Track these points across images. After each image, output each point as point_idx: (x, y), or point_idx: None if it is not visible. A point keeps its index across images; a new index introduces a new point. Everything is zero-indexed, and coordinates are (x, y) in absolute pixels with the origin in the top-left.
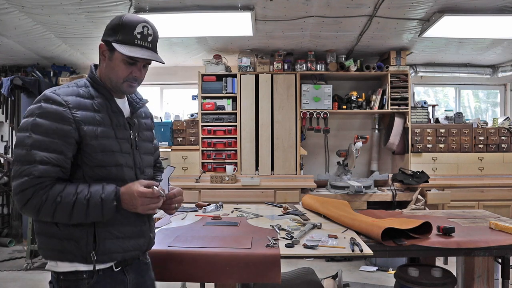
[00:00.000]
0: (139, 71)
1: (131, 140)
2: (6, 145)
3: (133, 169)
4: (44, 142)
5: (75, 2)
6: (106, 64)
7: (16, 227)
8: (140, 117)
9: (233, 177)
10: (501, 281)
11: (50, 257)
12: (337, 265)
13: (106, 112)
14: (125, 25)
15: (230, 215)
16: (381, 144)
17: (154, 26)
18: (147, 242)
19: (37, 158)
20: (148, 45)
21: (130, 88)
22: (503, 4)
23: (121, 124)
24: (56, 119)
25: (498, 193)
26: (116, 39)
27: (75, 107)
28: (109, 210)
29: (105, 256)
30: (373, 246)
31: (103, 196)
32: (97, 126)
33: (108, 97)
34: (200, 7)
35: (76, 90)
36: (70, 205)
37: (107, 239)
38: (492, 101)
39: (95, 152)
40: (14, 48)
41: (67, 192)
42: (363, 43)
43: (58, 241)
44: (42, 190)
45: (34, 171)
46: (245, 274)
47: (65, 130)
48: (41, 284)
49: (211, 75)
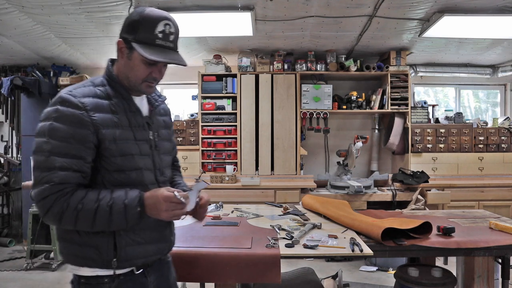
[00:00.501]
0: (159, 72)
1: (150, 141)
2: (6, 145)
3: (152, 172)
4: (63, 147)
5: (75, 2)
6: (124, 62)
7: (16, 227)
8: (159, 114)
9: (233, 177)
10: (501, 281)
11: (72, 262)
12: (337, 265)
13: (124, 112)
14: (145, 22)
15: (230, 215)
16: (381, 144)
17: (176, 22)
18: (168, 246)
19: (56, 165)
20: (170, 44)
21: (149, 89)
22: (503, 4)
23: (140, 125)
24: (73, 123)
25: (498, 193)
26: (136, 38)
27: (92, 109)
28: (133, 216)
29: (126, 263)
30: (373, 246)
31: (127, 202)
32: (116, 129)
33: (125, 96)
34: (200, 7)
35: (93, 90)
36: (92, 212)
37: (128, 245)
38: (492, 101)
39: (114, 156)
40: (14, 48)
41: (88, 199)
42: (363, 43)
43: (79, 248)
44: (63, 198)
45: (54, 177)
46: (245, 274)
47: (83, 135)
48: (41, 284)
49: (211, 75)
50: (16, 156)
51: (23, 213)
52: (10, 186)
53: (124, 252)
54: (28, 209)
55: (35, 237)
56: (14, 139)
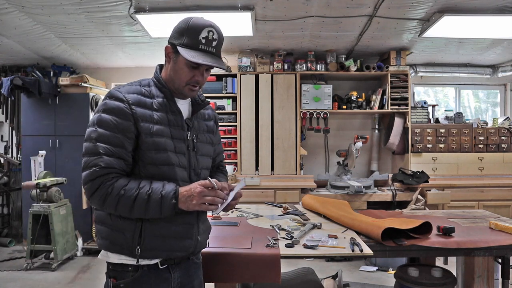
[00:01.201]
0: (201, 76)
1: (188, 141)
2: (6, 145)
3: (186, 170)
4: (108, 136)
5: (75, 2)
6: (170, 66)
7: (16, 227)
8: (202, 118)
9: (233, 177)
10: (501, 281)
11: (103, 246)
12: (337, 265)
13: (165, 111)
14: (191, 28)
15: (230, 215)
16: (381, 144)
17: (220, 30)
18: (194, 244)
19: (101, 150)
20: (212, 50)
21: (192, 92)
22: (503, 4)
23: (179, 125)
24: (117, 114)
25: (498, 193)
26: (181, 42)
27: (134, 104)
28: (167, 207)
29: (149, 253)
30: (373, 246)
31: (163, 193)
32: (154, 124)
33: (169, 97)
34: (200, 7)
35: (139, 88)
36: (132, 199)
37: (153, 236)
38: (492, 101)
39: (149, 150)
40: (14, 48)
41: (130, 186)
42: (363, 43)
43: (109, 231)
44: (109, 182)
45: (101, 162)
46: (245, 274)
47: (125, 125)
48: (41, 284)
49: (211, 75)
50: (16, 156)
51: (23, 213)
52: (10, 186)
53: (148, 241)
54: (28, 209)
55: (35, 237)
56: (14, 139)
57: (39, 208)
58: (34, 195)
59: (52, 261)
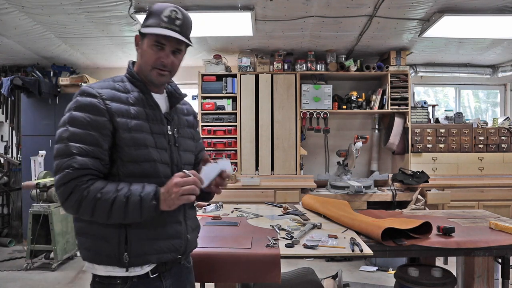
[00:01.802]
0: (167, 57)
1: (168, 135)
2: (6, 145)
3: (169, 166)
4: (81, 134)
5: (75, 2)
6: (139, 54)
7: (16, 227)
8: (182, 113)
9: (233, 177)
10: (501, 281)
11: (88, 258)
12: (337, 265)
13: (142, 106)
14: (154, 10)
15: (230, 215)
16: (381, 144)
17: (186, 13)
18: (184, 244)
19: (74, 151)
20: (176, 28)
21: (160, 77)
22: (503, 4)
23: (158, 119)
24: (90, 110)
25: (498, 193)
26: (145, 25)
27: (108, 99)
28: (147, 209)
29: (138, 258)
30: (373, 246)
31: (142, 195)
32: (131, 119)
33: (144, 91)
34: (200, 7)
35: (112, 84)
36: (109, 202)
37: (140, 240)
38: (492, 101)
39: (128, 146)
40: (14, 48)
41: (107, 189)
42: (363, 43)
43: (93, 241)
44: (84, 185)
45: (74, 163)
46: (245, 274)
47: (99, 122)
48: (41, 284)
49: (211, 75)
50: (16, 156)
51: (23, 213)
52: (10, 186)
53: (135, 246)
54: (28, 209)
55: (35, 237)
56: (14, 139)
57: (39, 208)
58: (34, 195)
59: (52, 261)
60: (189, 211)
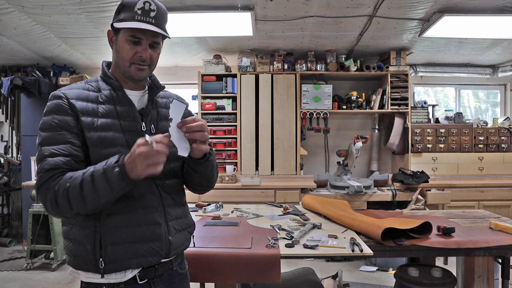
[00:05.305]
0: (145, 51)
1: (142, 132)
2: (6, 145)
3: None
4: (50, 136)
5: (75, 2)
6: (114, 50)
7: (16, 227)
8: (163, 107)
9: (233, 177)
10: (501, 281)
11: (70, 263)
12: (337, 265)
13: (113, 103)
14: (126, 3)
15: (230, 215)
16: (381, 144)
17: (160, 3)
18: (166, 247)
19: (46, 153)
20: (151, 20)
21: (140, 72)
22: (503, 4)
23: (130, 116)
24: (56, 112)
25: (498, 193)
26: (118, 19)
27: (73, 98)
28: (114, 179)
29: (115, 264)
30: (373, 246)
31: (105, 167)
32: (98, 118)
33: (116, 88)
34: (200, 7)
35: (83, 85)
36: (78, 187)
37: (114, 243)
38: (492, 101)
39: (95, 146)
40: (14, 48)
41: (75, 176)
42: (363, 43)
43: (73, 245)
44: (54, 182)
45: (45, 165)
46: (245, 274)
47: (66, 120)
48: (41, 284)
49: (211, 75)
50: (16, 156)
51: (23, 213)
52: (10, 186)
53: (110, 250)
54: (28, 209)
55: (35, 237)
56: (14, 139)
57: (39, 208)
58: (34, 195)
59: (52, 261)
60: (168, 209)
